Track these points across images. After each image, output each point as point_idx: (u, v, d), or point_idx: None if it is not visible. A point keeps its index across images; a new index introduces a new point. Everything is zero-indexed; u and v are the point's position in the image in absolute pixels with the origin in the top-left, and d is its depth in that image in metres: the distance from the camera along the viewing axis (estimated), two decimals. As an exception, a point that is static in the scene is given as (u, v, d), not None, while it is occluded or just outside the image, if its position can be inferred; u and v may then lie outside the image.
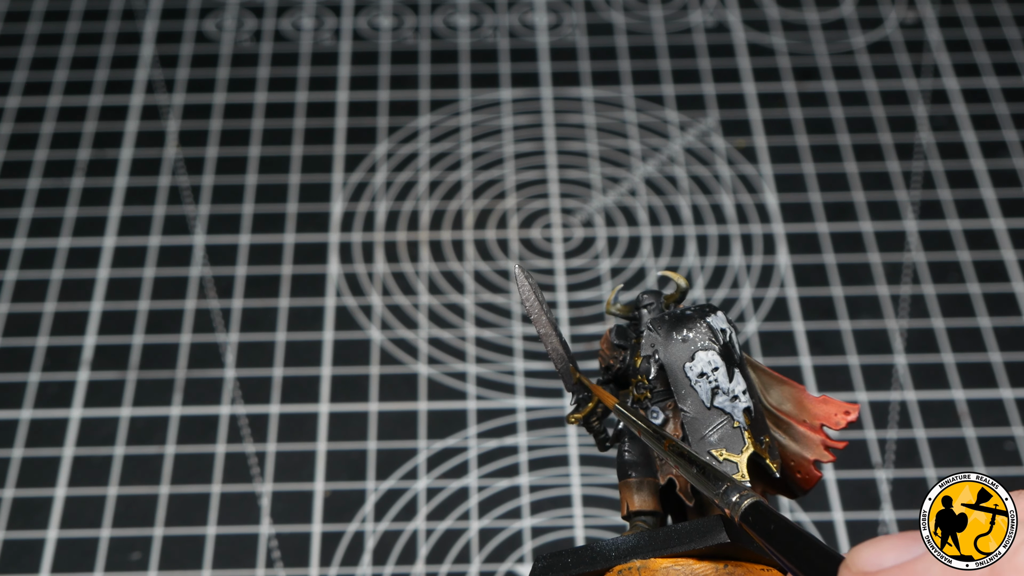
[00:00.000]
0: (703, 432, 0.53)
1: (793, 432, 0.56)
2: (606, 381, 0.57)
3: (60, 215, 1.05)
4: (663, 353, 0.54)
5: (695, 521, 0.51)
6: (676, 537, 0.51)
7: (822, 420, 0.56)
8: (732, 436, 0.53)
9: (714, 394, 0.53)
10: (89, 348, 0.97)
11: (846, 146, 1.10)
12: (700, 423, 0.53)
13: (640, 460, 0.56)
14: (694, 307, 0.56)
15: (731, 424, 0.53)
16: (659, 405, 0.55)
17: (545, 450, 0.92)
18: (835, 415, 0.55)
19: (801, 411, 0.56)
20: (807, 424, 0.56)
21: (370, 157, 1.10)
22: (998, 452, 0.91)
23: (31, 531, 0.87)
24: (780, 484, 0.56)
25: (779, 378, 0.57)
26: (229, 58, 1.18)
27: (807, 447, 0.56)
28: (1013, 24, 1.20)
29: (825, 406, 0.56)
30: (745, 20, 1.21)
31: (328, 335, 0.98)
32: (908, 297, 1.00)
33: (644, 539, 0.51)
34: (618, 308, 0.58)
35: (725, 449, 0.53)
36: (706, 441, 0.53)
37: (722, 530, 0.49)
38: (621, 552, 0.52)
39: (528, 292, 0.55)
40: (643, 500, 0.55)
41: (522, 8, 1.22)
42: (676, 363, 0.54)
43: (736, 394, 0.54)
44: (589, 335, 0.98)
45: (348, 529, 0.88)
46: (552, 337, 0.55)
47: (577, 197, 1.07)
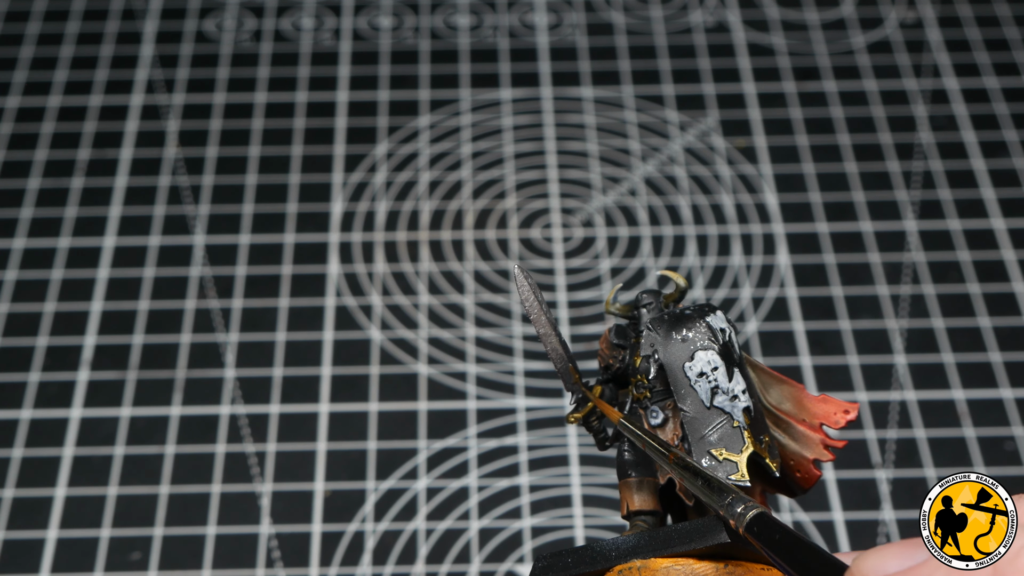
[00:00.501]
0: (703, 431, 0.53)
1: (793, 431, 0.56)
2: (605, 380, 0.57)
3: (60, 215, 1.05)
4: (662, 353, 0.54)
5: (695, 521, 0.51)
6: (676, 537, 0.51)
7: (822, 419, 0.56)
8: (732, 435, 0.53)
9: (714, 394, 0.54)
10: (89, 348, 0.97)
11: (846, 146, 1.10)
12: (700, 422, 0.53)
13: (639, 460, 0.56)
14: (693, 307, 0.56)
15: (731, 423, 0.53)
16: (659, 404, 0.55)
17: (545, 450, 0.92)
18: (835, 414, 0.56)
19: (801, 410, 0.56)
20: (807, 423, 0.56)
21: (370, 157, 1.10)
22: (998, 452, 0.91)
23: (31, 531, 0.87)
24: (780, 483, 0.56)
25: (779, 377, 0.57)
26: (229, 58, 1.17)
27: (807, 446, 0.56)
28: (1013, 24, 1.20)
29: (825, 405, 0.56)
30: (745, 20, 1.21)
31: (328, 335, 0.98)
32: (908, 297, 1.00)
33: (644, 539, 0.51)
34: (617, 307, 0.58)
35: (725, 448, 0.53)
36: (706, 440, 0.53)
37: (722, 530, 0.50)
38: (621, 552, 0.52)
39: (527, 292, 0.55)
40: (643, 500, 0.55)
41: (522, 8, 1.22)
42: (675, 363, 0.54)
43: (736, 393, 0.54)
44: (589, 335, 0.98)
45: (348, 529, 0.88)
46: (551, 337, 0.55)
47: (577, 197, 1.07)
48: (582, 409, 0.56)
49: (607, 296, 0.57)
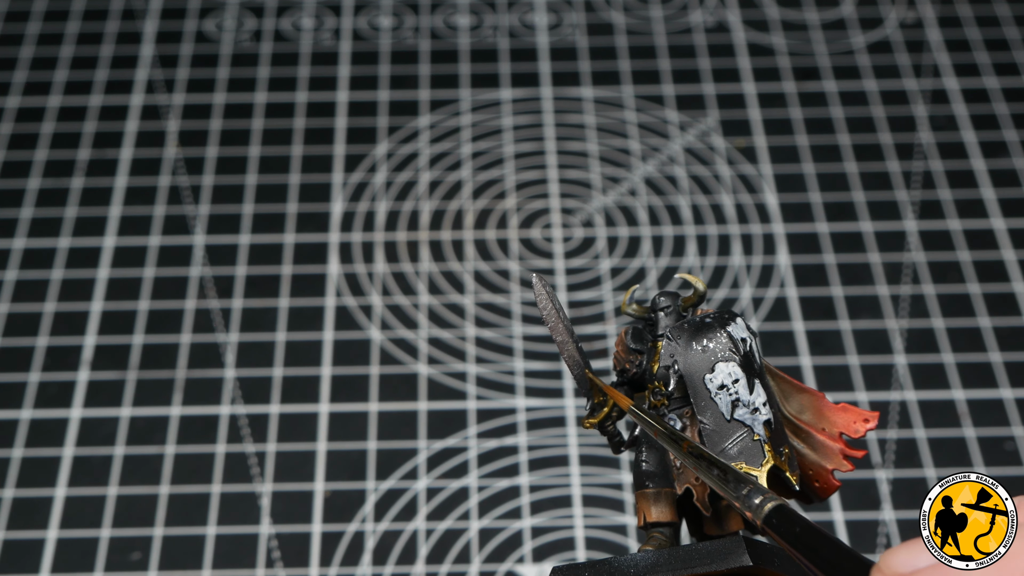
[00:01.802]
0: (723, 445, 0.52)
1: (812, 441, 0.55)
2: (620, 384, 0.56)
3: (60, 215, 1.05)
4: (682, 363, 0.53)
5: (717, 541, 0.50)
6: (697, 556, 0.50)
7: (841, 428, 0.55)
8: (752, 449, 0.52)
9: (734, 407, 0.52)
10: (89, 348, 0.97)
11: (846, 146, 1.10)
12: (719, 435, 0.52)
13: (657, 470, 0.55)
14: (714, 315, 0.55)
15: (751, 437, 0.52)
16: (676, 412, 0.54)
17: (545, 450, 0.92)
18: (854, 423, 0.55)
19: (820, 419, 0.55)
20: (826, 433, 0.55)
21: (370, 157, 1.10)
22: (998, 452, 0.91)
23: (31, 531, 0.87)
24: (798, 493, 0.55)
25: (798, 386, 0.55)
26: (229, 58, 1.17)
27: (826, 456, 0.55)
28: (1013, 24, 1.20)
29: (844, 414, 0.55)
30: (745, 20, 1.21)
31: (328, 335, 0.98)
32: (908, 297, 1.00)
33: (664, 557, 0.51)
34: (634, 309, 0.57)
35: (745, 462, 0.52)
36: (726, 454, 0.52)
37: (744, 552, 0.49)
38: (640, 569, 0.51)
39: (545, 300, 0.55)
40: (660, 511, 0.55)
41: (522, 8, 1.22)
42: (696, 374, 0.53)
43: (756, 406, 0.53)
44: (589, 335, 0.98)
45: (348, 529, 0.88)
46: (569, 344, 0.55)
47: (577, 197, 1.07)
48: (598, 414, 0.56)
49: (623, 297, 0.57)
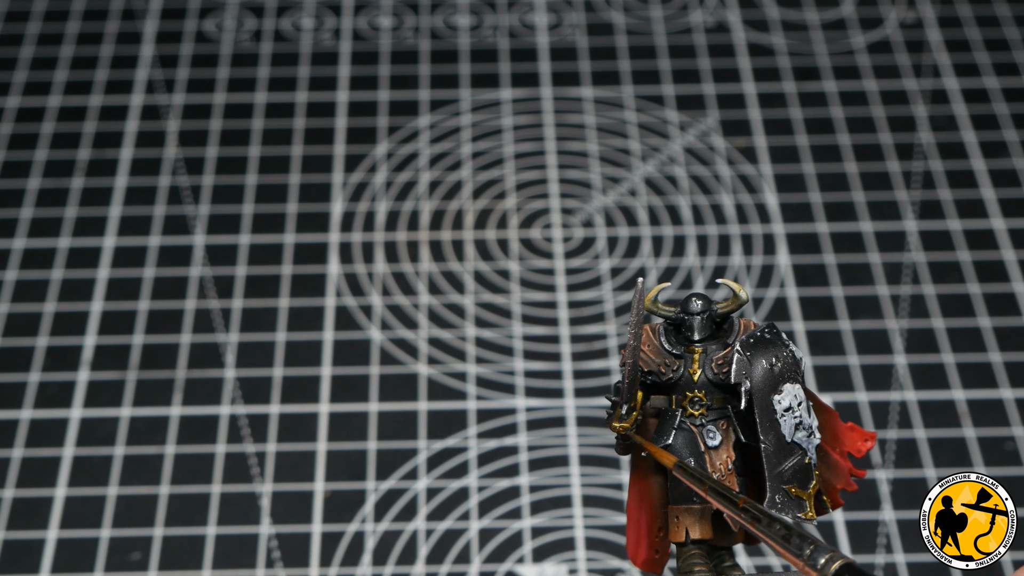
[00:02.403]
0: (780, 466, 0.51)
1: (828, 460, 0.54)
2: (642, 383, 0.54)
3: (60, 215, 1.05)
4: (754, 381, 0.52)
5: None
6: None
7: (848, 447, 0.54)
8: (804, 471, 0.51)
9: (796, 429, 0.51)
10: (89, 348, 0.97)
11: (846, 146, 1.10)
12: (778, 457, 0.51)
13: None
14: (771, 330, 0.53)
15: (804, 459, 0.51)
16: (714, 424, 0.53)
17: (545, 450, 0.92)
18: (858, 443, 0.54)
19: (833, 439, 0.54)
20: (838, 452, 0.54)
21: (370, 157, 1.10)
22: (998, 452, 0.91)
23: (31, 531, 0.87)
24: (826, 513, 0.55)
25: (819, 404, 0.55)
26: (229, 58, 1.17)
27: (837, 475, 0.54)
28: (1013, 24, 1.20)
29: (851, 434, 0.54)
30: (745, 20, 1.21)
31: (328, 335, 0.98)
32: (908, 297, 1.00)
33: None
34: (660, 307, 0.55)
35: (797, 485, 0.51)
36: (782, 476, 0.51)
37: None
38: None
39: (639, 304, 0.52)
40: (703, 529, 0.54)
41: (522, 8, 1.22)
42: (764, 394, 0.51)
43: (813, 429, 0.52)
44: (589, 335, 0.98)
45: (348, 529, 0.88)
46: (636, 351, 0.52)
47: (577, 197, 1.07)
48: (628, 418, 0.54)
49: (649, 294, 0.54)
